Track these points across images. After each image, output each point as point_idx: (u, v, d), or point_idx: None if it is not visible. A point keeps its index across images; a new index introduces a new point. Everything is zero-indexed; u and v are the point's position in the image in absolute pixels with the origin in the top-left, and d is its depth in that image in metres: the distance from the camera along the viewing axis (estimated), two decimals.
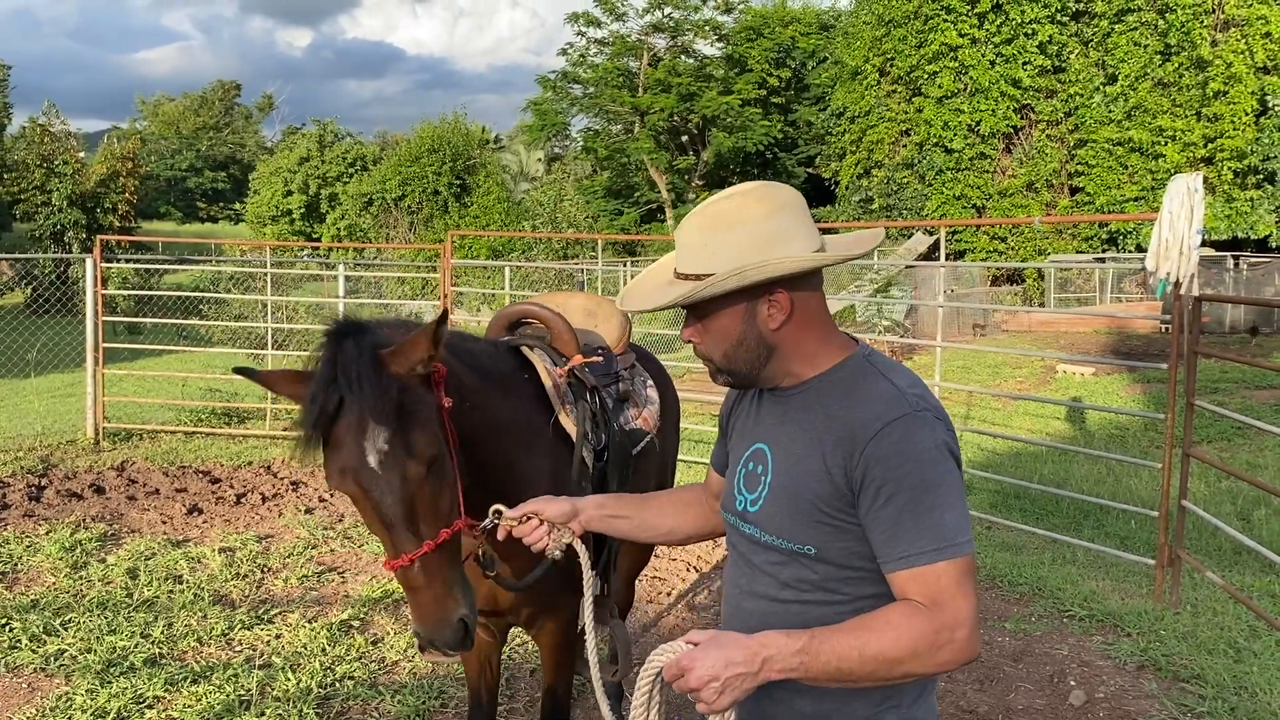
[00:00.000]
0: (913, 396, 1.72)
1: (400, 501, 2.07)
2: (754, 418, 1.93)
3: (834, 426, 1.73)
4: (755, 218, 1.75)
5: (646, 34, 39.34)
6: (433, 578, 2.10)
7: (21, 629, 5.01)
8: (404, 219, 37.80)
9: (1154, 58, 26.40)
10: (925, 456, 1.66)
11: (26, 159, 27.29)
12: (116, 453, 9.31)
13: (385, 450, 2.05)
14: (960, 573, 1.63)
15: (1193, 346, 5.60)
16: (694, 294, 1.74)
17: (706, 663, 1.59)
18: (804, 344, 1.80)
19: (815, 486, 1.73)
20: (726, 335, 1.80)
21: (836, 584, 1.76)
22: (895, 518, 1.65)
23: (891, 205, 29.64)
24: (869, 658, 1.60)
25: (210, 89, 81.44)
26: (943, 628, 1.61)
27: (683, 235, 1.81)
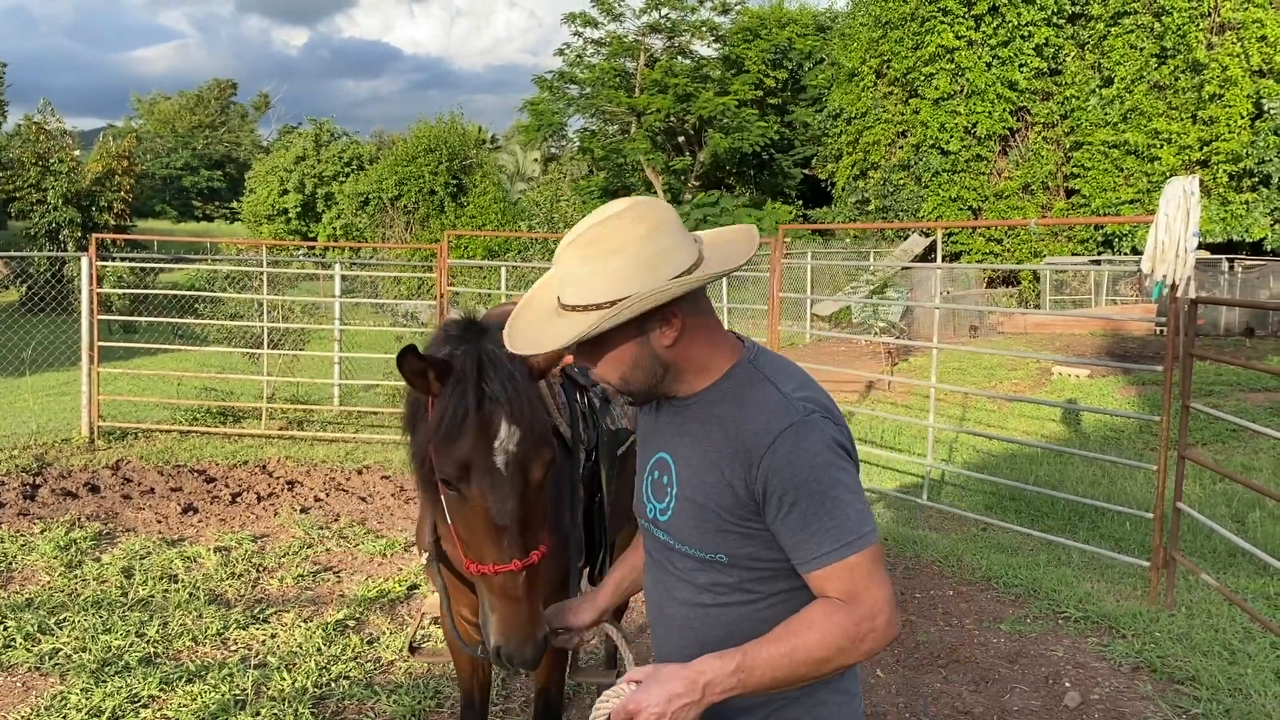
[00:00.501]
0: (798, 400, 1.77)
1: (527, 500, 2.07)
2: (654, 425, 1.96)
3: (728, 439, 1.77)
4: (637, 239, 1.74)
5: (643, 34, 39.36)
6: (533, 589, 2.08)
7: (16, 628, 4.99)
8: (400, 219, 37.74)
9: (1150, 61, 26.43)
10: (817, 460, 1.72)
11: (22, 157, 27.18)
12: (111, 451, 9.29)
13: (516, 449, 2.06)
14: (871, 563, 1.71)
15: (1188, 349, 5.61)
16: (594, 328, 1.72)
17: (651, 701, 1.66)
18: (696, 356, 1.83)
19: (717, 498, 1.78)
20: (622, 360, 1.81)
21: (751, 584, 1.82)
22: (801, 523, 1.71)
23: (888, 207, 29.66)
24: (799, 661, 1.68)
25: (206, 88, 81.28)
26: (862, 619, 1.69)
27: (564, 265, 1.79)
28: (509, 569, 2.05)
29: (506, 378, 2.11)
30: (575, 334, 1.74)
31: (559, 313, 1.82)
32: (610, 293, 1.73)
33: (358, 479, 8.53)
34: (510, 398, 2.09)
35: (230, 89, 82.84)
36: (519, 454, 2.08)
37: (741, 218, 34.28)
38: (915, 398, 13.28)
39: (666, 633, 1.95)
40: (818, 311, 21.17)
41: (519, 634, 2.08)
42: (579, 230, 1.79)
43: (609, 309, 1.73)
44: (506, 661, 2.11)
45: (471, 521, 2.10)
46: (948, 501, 8.59)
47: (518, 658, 2.10)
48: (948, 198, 29.12)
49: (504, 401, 2.09)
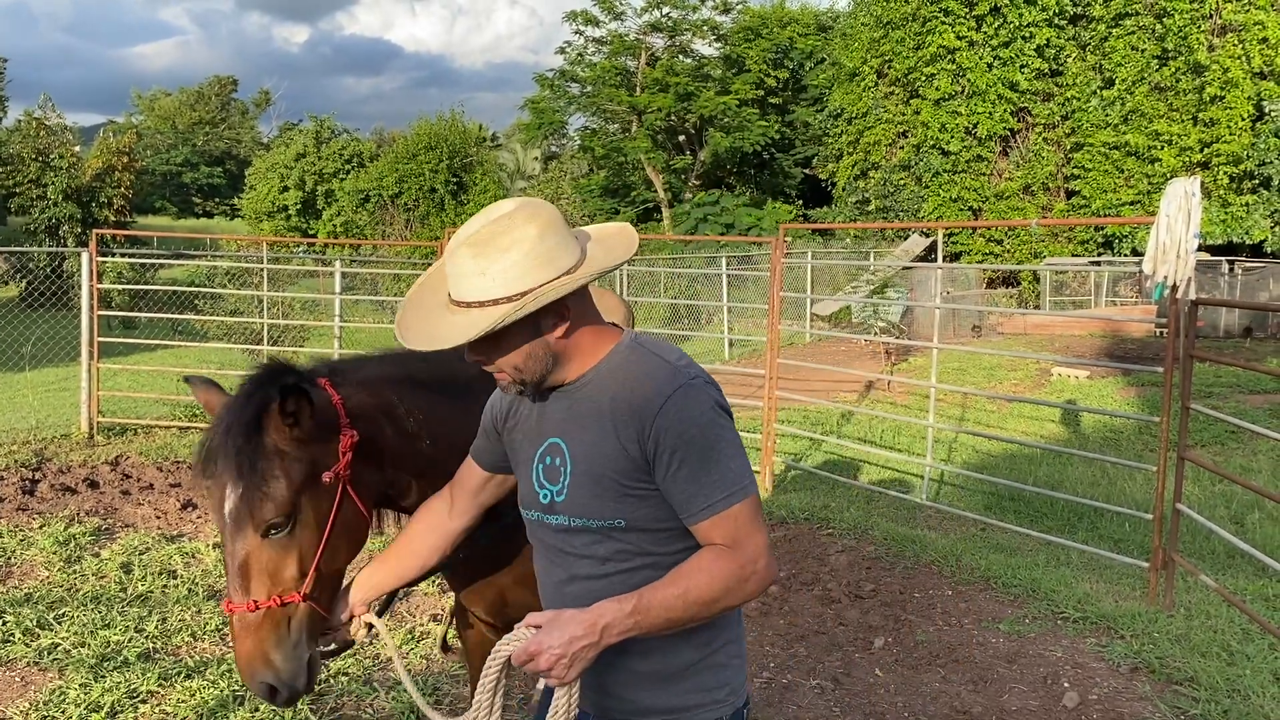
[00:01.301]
0: (683, 367, 1.92)
1: (232, 554, 2.11)
2: (539, 417, 2.04)
3: (620, 408, 1.89)
4: (529, 238, 1.84)
5: (644, 33, 39.35)
6: (248, 635, 2.10)
7: (15, 623, 4.99)
8: (400, 216, 37.74)
9: (1151, 62, 26.44)
10: (704, 419, 1.86)
11: (22, 153, 27.20)
12: (111, 447, 9.29)
13: (231, 505, 2.10)
14: (752, 510, 1.87)
15: (1188, 350, 5.61)
16: (502, 320, 1.80)
17: (552, 642, 1.75)
18: (582, 344, 1.95)
19: (614, 464, 1.89)
20: (516, 354, 1.90)
21: (650, 546, 1.93)
22: (690, 476, 1.84)
23: (888, 207, 29.67)
24: (691, 602, 1.81)
25: (206, 84, 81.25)
26: (746, 562, 1.84)
27: (457, 262, 1.87)
28: (225, 608, 2.14)
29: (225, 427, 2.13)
30: (481, 328, 1.81)
31: (450, 309, 1.90)
32: (510, 288, 1.82)
33: None
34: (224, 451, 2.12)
35: (231, 85, 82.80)
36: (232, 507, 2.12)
37: (742, 217, 34.28)
38: (915, 398, 13.28)
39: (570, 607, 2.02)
40: (817, 311, 21.18)
41: (240, 670, 2.15)
42: (471, 229, 1.87)
43: (515, 301, 1.82)
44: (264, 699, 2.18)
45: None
46: (947, 501, 8.59)
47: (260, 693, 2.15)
48: (948, 198, 29.12)
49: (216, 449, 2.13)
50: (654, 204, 39.57)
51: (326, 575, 2.23)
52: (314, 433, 2.16)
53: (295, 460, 2.13)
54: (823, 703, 4.46)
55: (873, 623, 5.36)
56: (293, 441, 2.13)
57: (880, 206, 29.93)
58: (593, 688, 1.98)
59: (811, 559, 6.42)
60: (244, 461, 2.09)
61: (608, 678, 1.97)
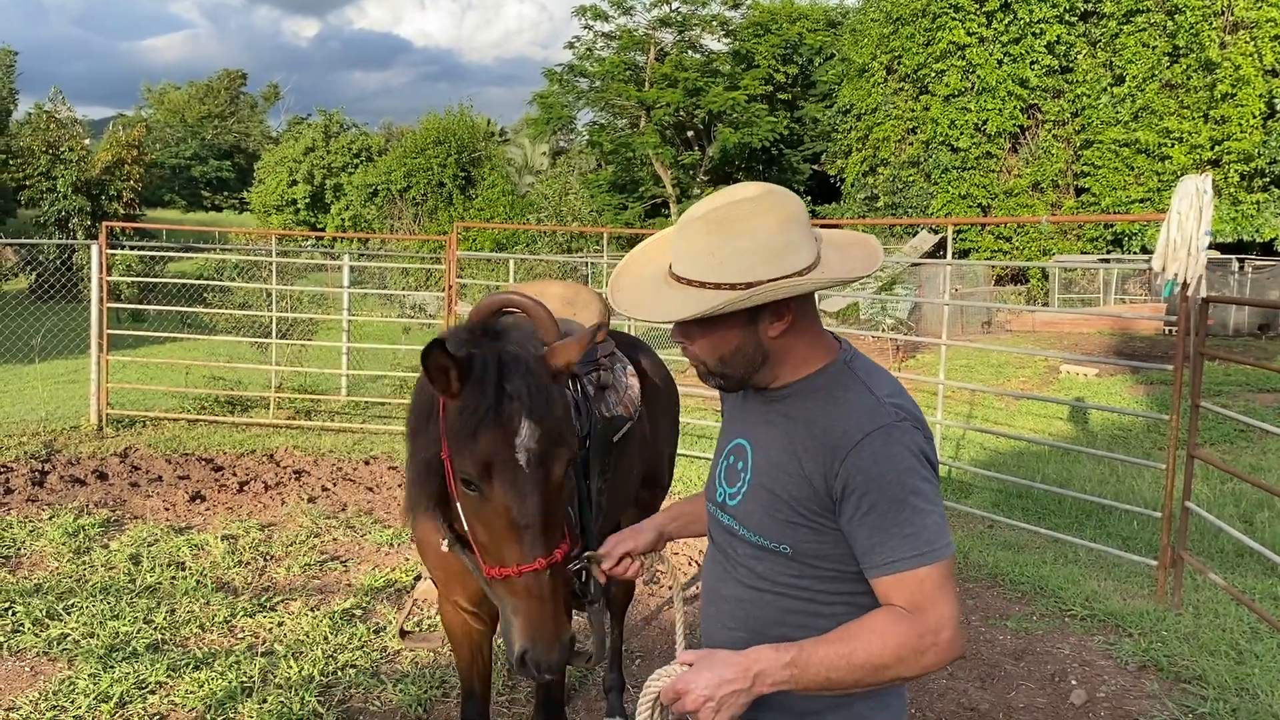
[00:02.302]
0: (891, 406, 1.75)
1: (549, 498, 2.06)
2: (738, 411, 1.96)
3: (814, 433, 1.76)
4: (768, 228, 1.72)
5: (654, 28, 39.29)
6: (557, 589, 2.06)
7: (25, 613, 5.01)
8: (409, 210, 37.78)
9: (1162, 59, 26.33)
10: (904, 465, 1.70)
11: (32, 145, 27.24)
12: (120, 439, 9.32)
13: (537, 447, 2.05)
14: (942, 576, 1.68)
15: (1199, 348, 5.59)
16: (722, 308, 1.70)
17: (700, 684, 1.64)
18: (797, 350, 1.82)
19: (793, 489, 1.77)
20: (724, 343, 1.80)
21: (810, 581, 1.80)
22: (877, 525, 1.69)
23: (897, 203, 29.60)
24: (856, 665, 1.65)
25: (216, 78, 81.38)
26: (926, 632, 1.65)
27: (688, 236, 1.76)
28: (533, 568, 2.03)
29: (526, 375, 2.11)
30: (697, 309, 1.71)
31: (668, 282, 1.80)
32: (737, 275, 1.71)
33: (365, 469, 8.55)
34: (531, 396, 2.09)
35: (240, 79, 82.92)
36: (540, 451, 2.06)
37: None
38: (923, 394, 13.26)
39: (717, 614, 1.95)
40: (825, 307, 21.14)
41: (545, 637, 2.05)
42: (710, 205, 1.76)
43: (740, 291, 1.70)
44: (533, 668, 2.08)
45: (493, 522, 2.08)
46: (955, 499, 8.58)
47: (544, 663, 2.07)
48: (957, 195, 29.05)
49: (524, 400, 2.08)
50: (662, 199, 39.53)
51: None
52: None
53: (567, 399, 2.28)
54: None
55: None
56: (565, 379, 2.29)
57: (889, 203, 29.86)
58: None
59: None
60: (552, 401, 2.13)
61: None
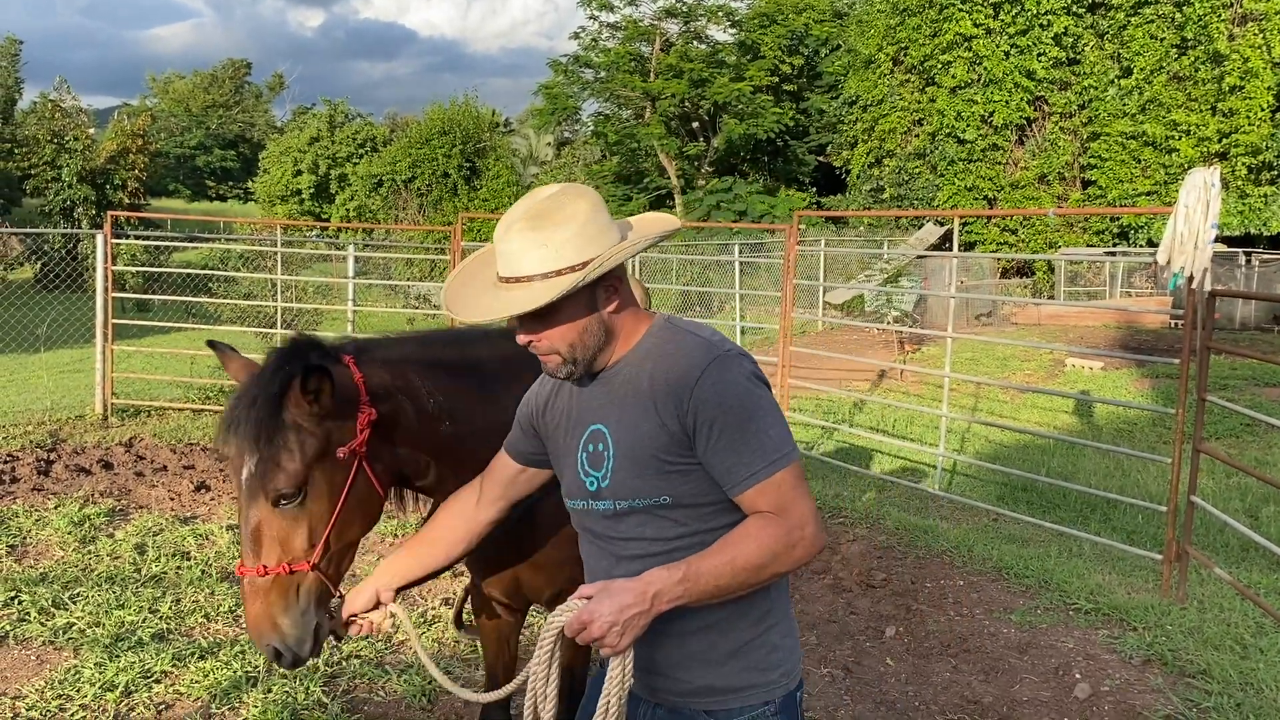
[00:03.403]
0: (716, 342, 1.94)
1: (246, 520, 2.19)
2: (578, 406, 2.05)
3: (658, 385, 1.90)
4: (583, 213, 1.88)
5: (659, 19, 39.16)
6: (258, 598, 2.18)
7: (30, 602, 5.03)
8: (413, 201, 37.75)
9: (1170, 51, 26.19)
10: (740, 388, 1.87)
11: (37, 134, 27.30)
12: (125, 429, 9.33)
13: (246, 473, 2.17)
14: (795, 477, 1.87)
15: (1205, 342, 5.57)
16: (570, 287, 1.82)
17: (603, 611, 1.76)
18: (626, 322, 1.98)
19: (654, 441, 1.90)
20: (574, 327, 1.92)
21: (695, 522, 1.93)
22: (730, 446, 1.85)
23: (902, 195, 29.51)
24: (739, 568, 1.81)
25: (221, 67, 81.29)
26: (793, 528, 1.84)
27: (512, 239, 1.87)
28: (237, 571, 2.24)
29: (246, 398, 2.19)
30: (550, 295, 1.82)
31: (501, 287, 1.91)
32: (575, 257, 1.85)
33: None
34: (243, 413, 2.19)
35: (245, 69, 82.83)
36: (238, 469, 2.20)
37: (755, 204, 34.17)
38: (928, 387, 13.24)
39: None
40: (830, 299, 21.11)
41: (250, 630, 2.22)
42: (523, 208, 1.89)
43: (579, 271, 1.84)
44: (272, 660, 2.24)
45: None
46: (959, 492, 8.57)
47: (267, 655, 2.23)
48: (963, 187, 28.95)
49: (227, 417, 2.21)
50: (667, 191, 39.46)
51: (337, 548, 2.29)
52: (333, 409, 2.21)
53: (311, 435, 2.19)
54: (834, 691, 4.46)
55: (884, 612, 5.35)
56: (311, 417, 2.19)
57: (894, 195, 29.77)
58: (644, 668, 1.98)
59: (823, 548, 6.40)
60: (261, 433, 2.15)
61: (659, 657, 1.97)
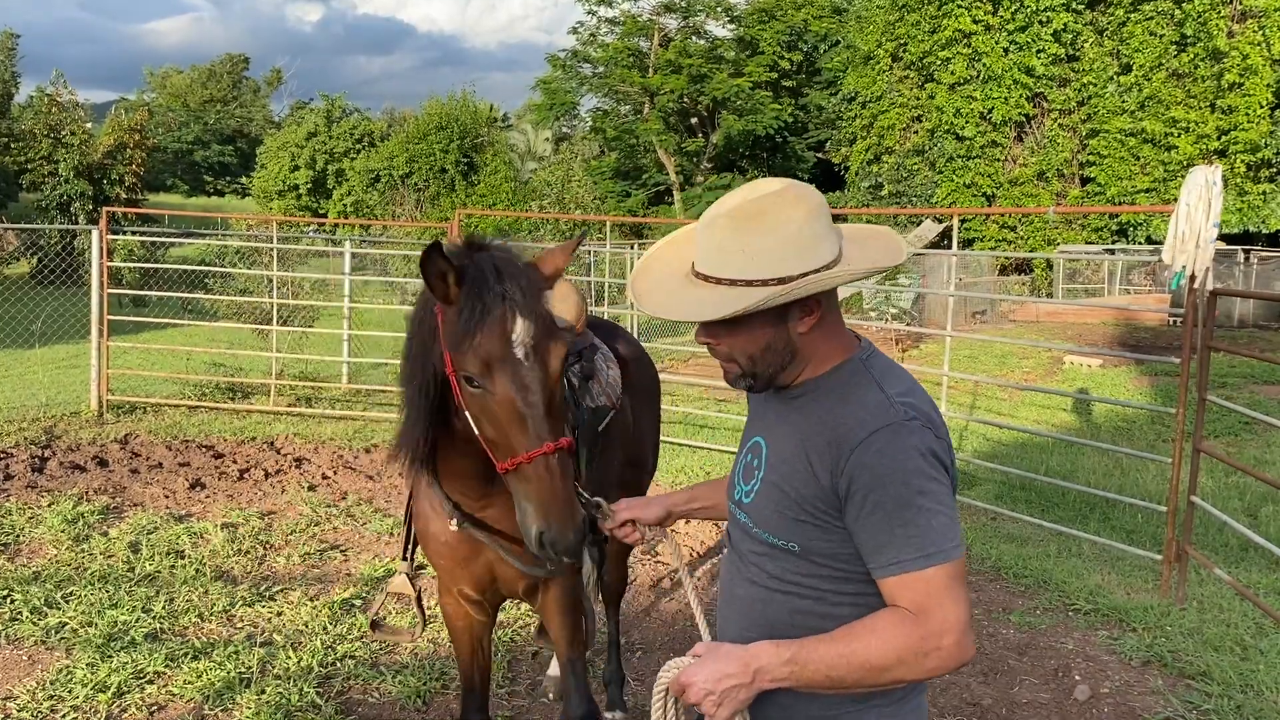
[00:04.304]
0: (901, 405, 1.72)
1: (549, 388, 2.22)
2: (759, 409, 1.96)
3: (823, 430, 1.74)
4: (795, 221, 1.70)
5: (658, 14, 39.13)
6: (567, 474, 2.19)
7: (23, 601, 4.99)
8: (411, 196, 37.70)
9: (1169, 48, 26.17)
10: (911, 465, 1.67)
11: (34, 129, 27.20)
12: (120, 425, 9.29)
13: (533, 341, 2.21)
14: (948, 579, 1.65)
15: (1206, 340, 5.54)
16: (763, 303, 1.68)
17: (702, 677, 1.67)
18: (821, 346, 1.81)
19: (801, 487, 1.75)
20: (755, 341, 1.78)
21: (820, 580, 1.79)
22: (882, 524, 1.66)
23: (901, 192, 29.50)
24: (856, 665, 1.64)
25: (219, 62, 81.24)
26: (929, 635, 1.63)
27: (713, 234, 1.74)
28: (541, 452, 2.15)
29: (518, 277, 2.26)
30: (732, 308, 1.68)
31: (693, 281, 1.78)
32: (770, 271, 1.69)
33: (365, 457, 8.52)
34: (524, 295, 2.24)
35: (243, 64, 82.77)
36: (536, 345, 2.22)
37: None
38: (926, 384, 13.18)
39: (731, 613, 1.96)
40: None
41: (558, 517, 2.16)
42: (734, 201, 1.73)
43: (774, 287, 1.68)
44: (549, 548, 2.18)
45: (499, 415, 2.21)
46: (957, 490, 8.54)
47: (560, 543, 2.16)
48: (962, 184, 28.94)
49: (518, 299, 2.23)
50: (665, 187, 39.43)
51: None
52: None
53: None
54: None
55: None
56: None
57: (893, 191, 29.76)
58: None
59: None
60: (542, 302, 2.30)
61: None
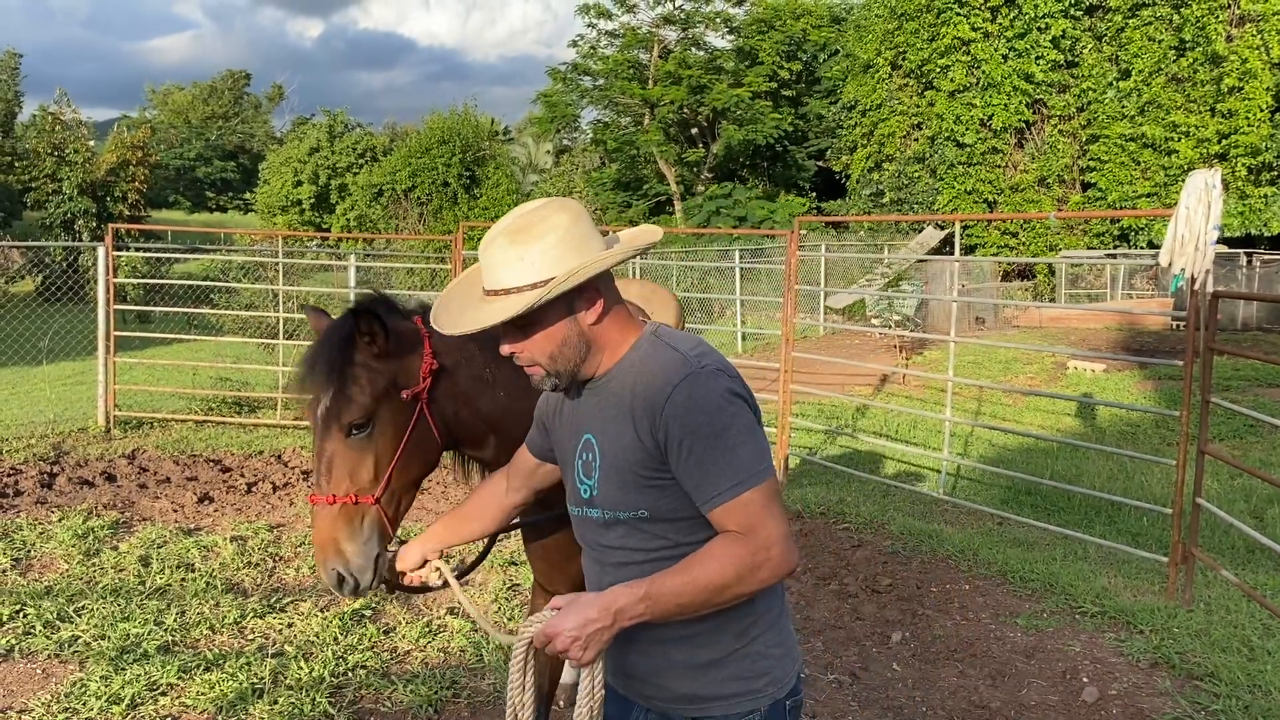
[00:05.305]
0: (694, 357, 1.93)
1: (320, 452, 2.42)
2: (574, 413, 2.10)
3: (637, 399, 1.92)
4: (563, 225, 1.91)
5: (657, 26, 39.24)
6: (325, 524, 2.39)
7: (36, 615, 5.03)
8: (413, 210, 37.78)
9: (1168, 53, 26.22)
10: (711, 405, 1.86)
11: (37, 147, 27.35)
12: (128, 441, 9.33)
13: (322, 406, 2.41)
14: (765, 497, 1.85)
15: (1209, 343, 5.57)
16: (539, 300, 1.86)
17: (567, 625, 1.82)
18: (610, 334, 1.99)
19: (633, 455, 1.93)
20: (552, 338, 1.95)
21: (676, 536, 1.96)
22: (698, 464, 1.85)
23: (902, 199, 29.54)
24: (700, 588, 1.83)
25: (220, 78, 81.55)
26: (758, 549, 1.83)
27: (493, 253, 1.93)
28: (309, 499, 2.41)
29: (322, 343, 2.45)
30: (516, 309, 1.87)
31: (485, 299, 1.96)
32: (550, 269, 1.88)
33: None
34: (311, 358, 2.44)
35: (244, 80, 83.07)
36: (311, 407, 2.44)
37: (755, 210, 34.20)
38: (930, 391, 13.24)
39: None
40: (831, 304, 21.11)
41: (316, 555, 2.42)
42: (505, 223, 1.94)
43: (547, 285, 1.87)
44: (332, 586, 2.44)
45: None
46: (963, 496, 8.56)
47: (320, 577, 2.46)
48: (963, 190, 28.98)
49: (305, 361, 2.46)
50: (666, 197, 39.50)
51: (398, 484, 2.50)
52: (394, 352, 2.47)
53: (378, 374, 2.45)
54: (840, 697, 4.45)
55: (890, 617, 5.35)
56: (375, 358, 2.45)
57: (894, 199, 29.80)
58: (633, 674, 2.04)
59: (828, 553, 6.40)
60: (334, 369, 2.41)
61: (644, 664, 2.02)
